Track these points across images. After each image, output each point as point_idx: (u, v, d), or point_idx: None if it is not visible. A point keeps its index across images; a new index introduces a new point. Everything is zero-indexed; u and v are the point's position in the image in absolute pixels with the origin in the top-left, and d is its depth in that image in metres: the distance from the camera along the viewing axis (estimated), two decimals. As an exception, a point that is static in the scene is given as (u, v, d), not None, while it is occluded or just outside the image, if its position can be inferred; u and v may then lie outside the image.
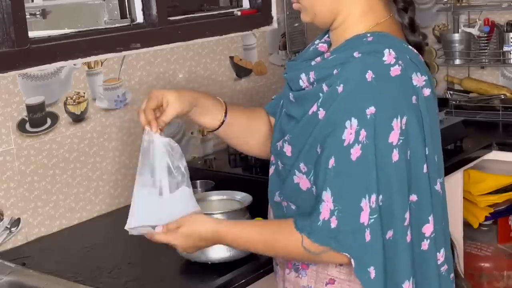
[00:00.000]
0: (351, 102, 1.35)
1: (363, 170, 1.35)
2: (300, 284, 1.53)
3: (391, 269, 1.39)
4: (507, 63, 3.18)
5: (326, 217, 1.36)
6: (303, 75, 1.47)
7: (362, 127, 1.34)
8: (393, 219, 1.37)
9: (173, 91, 1.55)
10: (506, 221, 3.02)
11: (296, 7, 1.53)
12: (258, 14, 2.79)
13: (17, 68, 2.00)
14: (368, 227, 1.35)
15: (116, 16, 2.44)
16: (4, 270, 1.84)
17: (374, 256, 1.36)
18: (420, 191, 1.42)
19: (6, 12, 1.95)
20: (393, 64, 1.37)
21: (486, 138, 2.87)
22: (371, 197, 1.35)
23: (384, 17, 1.47)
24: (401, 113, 1.36)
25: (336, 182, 1.36)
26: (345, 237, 1.35)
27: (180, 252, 1.55)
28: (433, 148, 1.44)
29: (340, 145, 1.35)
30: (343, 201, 1.35)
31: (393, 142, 1.36)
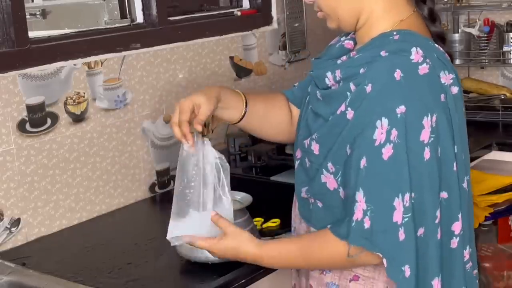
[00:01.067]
0: (380, 101, 1.35)
1: (395, 169, 1.35)
2: (324, 280, 1.53)
3: (422, 267, 1.39)
4: (507, 63, 3.19)
5: (359, 217, 1.36)
6: (329, 73, 1.47)
7: (393, 127, 1.34)
8: (425, 216, 1.38)
9: (199, 93, 1.56)
10: (506, 221, 3.02)
11: (320, 16, 1.54)
12: (258, 14, 2.79)
13: (17, 68, 2.00)
14: (402, 226, 1.35)
15: (116, 16, 2.44)
16: (4, 270, 1.84)
17: (409, 255, 1.36)
18: (450, 189, 1.42)
19: (6, 12, 1.95)
20: (421, 62, 1.37)
21: (486, 138, 2.87)
22: (405, 196, 1.34)
23: (408, 12, 1.47)
24: (431, 111, 1.36)
25: (368, 182, 1.36)
26: (377, 237, 1.36)
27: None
28: (461, 146, 1.44)
29: (371, 145, 1.35)
30: (376, 201, 1.35)
31: (424, 140, 1.36)
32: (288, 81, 2.99)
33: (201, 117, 1.54)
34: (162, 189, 2.46)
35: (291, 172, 2.22)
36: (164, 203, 2.41)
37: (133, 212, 2.31)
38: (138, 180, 2.38)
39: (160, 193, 2.45)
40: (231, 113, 1.64)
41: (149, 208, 2.38)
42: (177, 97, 2.49)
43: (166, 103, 2.46)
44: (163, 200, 2.42)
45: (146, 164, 2.40)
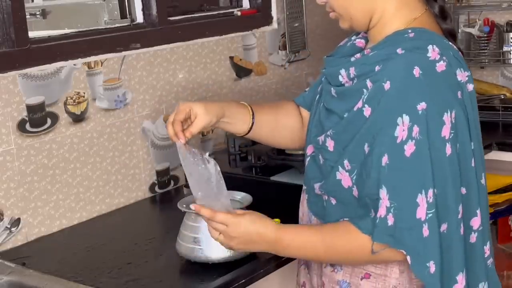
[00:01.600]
0: (401, 99, 1.36)
1: (418, 166, 1.35)
2: (336, 278, 1.53)
3: (446, 262, 1.39)
4: (507, 63, 3.19)
5: (382, 214, 1.37)
6: (342, 70, 1.47)
7: (415, 123, 1.35)
8: (448, 212, 1.38)
9: (200, 103, 1.58)
10: (506, 221, 3.02)
11: (333, 16, 1.54)
12: (258, 14, 2.79)
13: (17, 68, 2.00)
14: (426, 222, 1.35)
15: (116, 16, 2.44)
16: (4, 270, 1.84)
17: (433, 251, 1.36)
18: (469, 185, 1.43)
19: (6, 12, 1.95)
20: (438, 60, 1.38)
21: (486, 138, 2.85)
22: (428, 192, 1.35)
23: (420, 11, 1.48)
24: (451, 107, 1.37)
25: (391, 179, 1.36)
26: (401, 234, 1.36)
27: (232, 248, 1.51)
28: (477, 142, 1.45)
29: (393, 143, 1.36)
30: (399, 198, 1.35)
31: (445, 136, 1.37)
32: (288, 81, 2.99)
33: (193, 129, 1.55)
34: (162, 189, 2.46)
35: (291, 172, 2.23)
36: (164, 203, 2.41)
37: (133, 212, 2.31)
38: (138, 180, 2.38)
39: (160, 193, 2.46)
40: (238, 126, 1.67)
41: (149, 208, 2.38)
42: (177, 97, 2.49)
43: (166, 103, 2.46)
44: (163, 200, 2.43)
45: (146, 164, 2.40)
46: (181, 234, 1.80)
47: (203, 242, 1.75)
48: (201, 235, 1.75)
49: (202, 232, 1.75)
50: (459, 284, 1.42)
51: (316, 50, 3.08)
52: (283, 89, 2.97)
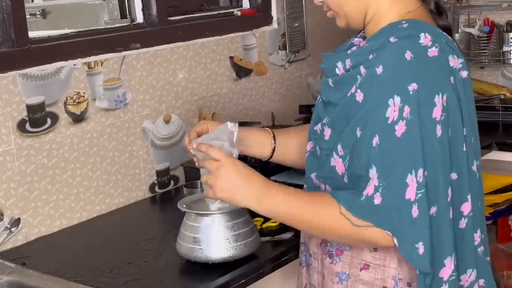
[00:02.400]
0: (392, 81, 1.37)
1: (409, 145, 1.35)
2: (335, 270, 1.53)
3: (435, 245, 1.38)
4: (507, 63, 3.19)
5: (369, 193, 1.36)
6: (339, 63, 1.49)
7: (406, 104, 1.35)
8: (437, 195, 1.38)
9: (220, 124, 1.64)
10: (506, 221, 3.02)
11: (330, 15, 1.56)
12: (258, 14, 2.79)
13: (17, 68, 2.00)
14: (416, 203, 1.35)
15: (116, 16, 2.44)
16: (4, 270, 1.84)
17: (422, 232, 1.35)
18: (460, 170, 1.43)
19: (6, 12, 1.95)
20: (430, 46, 1.40)
21: (486, 138, 2.87)
22: (418, 172, 1.35)
23: (415, 5, 1.49)
24: (442, 90, 1.38)
25: (381, 159, 1.36)
26: (388, 214, 1.35)
27: (215, 191, 1.48)
28: (470, 129, 1.45)
29: (384, 123, 1.36)
30: (388, 178, 1.35)
31: (436, 117, 1.37)
32: (288, 81, 2.99)
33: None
34: (162, 189, 2.46)
35: (291, 172, 2.23)
36: (164, 203, 2.42)
37: (133, 212, 2.31)
38: (138, 180, 2.38)
39: (160, 193, 2.46)
40: (260, 152, 1.72)
41: (149, 208, 2.38)
42: (177, 97, 2.49)
43: (166, 103, 2.46)
44: (163, 200, 2.43)
45: (146, 164, 2.40)
46: (181, 234, 1.80)
47: (203, 242, 1.75)
48: (201, 235, 1.75)
49: (202, 232, 1.75)
50: (447, 268, 1.40)
51: (316, 50, 3.08)
52: (283, 89, 2.97)
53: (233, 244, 1.76)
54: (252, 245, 1.79)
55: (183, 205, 1.80)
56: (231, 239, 1.75)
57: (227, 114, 2.70)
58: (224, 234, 1.75)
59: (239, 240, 1.76)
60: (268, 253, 1.85)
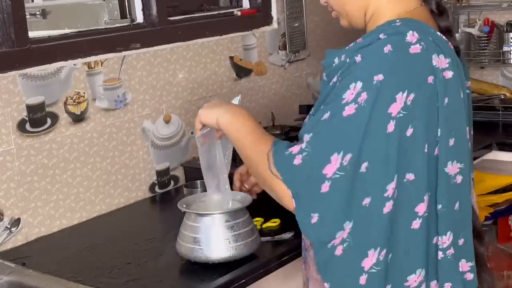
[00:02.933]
0: (362, 68, 1.39)
1: (348, 128, 1.37)
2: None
3: (360, 236, 1.40)
4: (507, 63, 3.19)
5: (294, 151, 1.40)
6: (336, 58, 1.50)
7: (365, 90, 1.37)
8: (373, 187, 1.39)
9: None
10: (506, 221, 3.02)
11: (334, 15, 1.60)
12: (258, 14, 2.79)
13: (17, 68, 2.00)
14: (330, 180, 1.37)
15: (116, 16, 2.44)
16: (4, 270, 1.84)
17: (324, 207, 1.38)
18: (418, 170, 1.43)
19: (6, 12, 1.95)
20: (414, 43, 1.40)
21: (486, 138, 2.87)
22: (346, 156, 1.36)
23: (415, 5, 1.51)
24: (409, 89, 1.38)
25: (319, 130, 1.39)
26: (299, 177, 1.39)
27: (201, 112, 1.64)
28: (447, 130, 1.44)
29: (338, 103, 1.39)
30: (316, 147, 1.38)
31: (392, 113, 1.37)
32: (288, 81, 2.99)
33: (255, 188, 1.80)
34: (162, 189, 2.46)
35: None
36: (164, 203, 2.41)
37: (133, 212, 2.31)
38: (138, 180, 2.38)
39: (160, 193, 2.45)
40: None
41: (149, 208, 2.38)
42: (177, 97, 2.49)
43: (166, 103, 2.46)
44: (163, 200, 2.43)
45: (146, 164, 2.40)
46: (181, 234, 1.80)
47: (203, 242, 1.75)
48: (201, 235, 1.75)
49: (202, 232, 1.75)
50: (369, 259, 1.41)
51: (316, 50, 3.08)
52: (283, 89, 2.97)
53: (233, 244, 1.76)
54: (252, 245, 1.79)
55: (183, 205, 1.80)
56: (231, 239, 1.75)
57: (227, 114, 2.69)
58: (224, 234, 1.75)
59: (239, 240, 1.76)
60: (268, 253, 1.85)
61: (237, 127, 1.55)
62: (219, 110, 1.59)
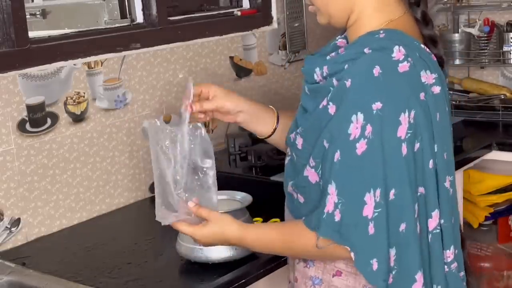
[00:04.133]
0: (357, 96, 1.37)
1: (368, 165, 1.36)
2: (308, 274, 1.54)
3: (405, 261, 1.40)
4: (507, 63, 3.19)
5: (330, 209, 1.38)
6: (317, 69, 1.49)
7: (368, 122, 1.35)
8: (406, 212, 1.39)
9: (222, 88, 1.65)
10: (506, 221, 3.02)
11: (311, 10, 1.57)
12: (258, 14, 2.79)
13: (17, 68, 2.00)
14: (372, 220, 1.36)
15: (116, 16, 2.44)
16: (4, 270, 1.84)
17: (378, 249, 1.37)
18: (426, 185, 1.43)
19: (6, 12, 1.95)
20: (402, 60, 1.38)
21: (486, 138, 2.87)
22: (376, 191, 1.36)
23: (399, 13, 1.48)
24: (409, 107, 1.37)
25: (341, 175, 1.37)
26: (347, 230, 1.37)
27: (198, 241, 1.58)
28: (441, 145, 1.45)
29: (346, 139, 1.37)
30: (347, 195, 1.37)
31: (401, 136, 1.37)
32: (288, 81, 2.99)
33: (206, 105, 1.60)
34: (162, 189, 2.46)
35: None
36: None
37: (133, 212, 2.31)
38: (138, 180, 2.38)
39: (160, 193, 2.45)
40: (261, 128, 1.69)
41: (149, 208, 2.38)
42: (177, 97, 2.49)
43: (166, 103, 2.46)
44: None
45: (146, 164, 2.40)
46: (181, 234, 1.80)
47: (203, 242, 1.75)
48: (201, 235, 1.75)
49: (202, 232, 1.75)
50: (418, 283, 1.42)
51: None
52: (283, 89, 2.97)
53: (233, 244, 1.76)
54: (252, 245, 1.79)
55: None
56: (231, 239, 1.75)
57: (227, 114, 2.69)
58: (224, 234, 1.75)
59: (239, 240, 1.76)
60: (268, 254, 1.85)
61: (254, 249, 1.57)
62: (223, 244, 1.58)
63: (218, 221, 1.52)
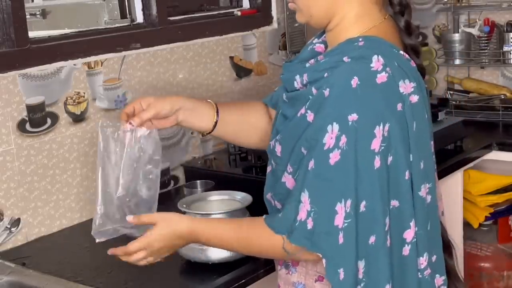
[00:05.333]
0: (334, 107, 1.37)
1: (340, 175, 1.36)
2: (291, 280, 1.55)
3: (374, 273, 1.41)
4: (507, 63, 3.19)
5: (303, 218, 1.38)
6: (297, 76, 1.49)
7: (343, 133, 1.35)
8: (376, 224, 1.39)
9: (152, 96, 1.65)
10: (506, 221, 3.02)
11: (291, 7, 1.55)
12: (258, 14, 2.79)
13: (17, 68, 2.00)
14: (342, 230, 1.37)
15: (116, 16, 2.44)
16: (4, 270, 1.84)
17: (345, 259, 1.38)
18: (401, 197, 1.42)
19: (6, 12, 1.95)
20: (380, 71, 1.38)
21: (486, 138, 2.87)
22: (347, 202, 1.36)
23: (380, 20, 1.47)
24: (384, 120, 1.37)
25: (313, 184, 1.38)
26: (319, 238, 1.38)
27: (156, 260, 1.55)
28: (418, 154, 1.44)
29: (320, 149, 1.37)
30: (319, 204, 1.37)
31: (375, 149, 1.37)
32: (288, 81, 2.99)
33: (143, 115, 1.59)
34: (162, 189, 2.45)
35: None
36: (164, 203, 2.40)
37: (133, 212, 2.31)
38: (138, 180, 2.38)
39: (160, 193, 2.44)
40: (201, 123, 1.68)
41: (149, 208, 2.38)
42: (177, 97, 2.49)
43: (166, 103, 2.45)
44: (163, 200, 2.41)
45: (146, 164, 2.40)
46: (181, 234, 1.80)
47: (203, 242, 1.75)
48: (201, 235, 1.75)
49: (202, 232, 1.75)
50: None
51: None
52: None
53: (233, 244, 1.75)
54: (252, 245, 1.79)
55: (183, 205, 1.80)
56: (231, 239, 1.75)
57: (227, 114, 2.69)
58: (224, 234, 1.75)
59: (239, 240, 1.76)
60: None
61: (209, 242, 1.53)
62: (178, 247, 1.55)
63: (164, 220, 1.50)
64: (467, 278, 2.90)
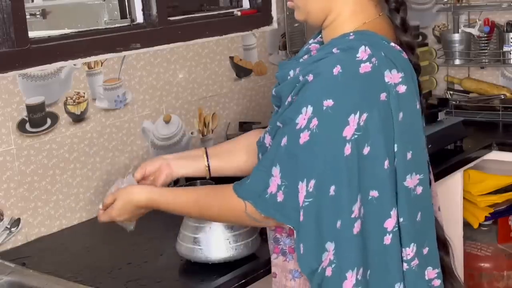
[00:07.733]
0: (312, 92, 1.41)
1: (306, 155, 1.40)
2: (288, 267, 1.56)
3: (341, 257, 1.42)
4: (507, 63, 3.19)
5: (273, 191, 1.43)
6: (291, 71, 1.51)
7: (315, 116, 1.38)
8: (342, 210, 1.41)
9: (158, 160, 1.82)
10: (506, 221, 3.02)
11: (290, 5, 1.58)
12: (258, 14, 2.79)
13: (17, 68, 2.00)
14: (302, 209, 1.41)
15: (116, 16, 2.44)
16: (4, 270, 1.84)
17: (304, 236, 1.42)
18: (381, 187, 1.44)
19: (6, 12, 1.95)
20: (365, 61, 1.40)
21: (486, 138, 2.87)
22: (310, 182, 1.40)
23: (373, 16, 1.49)
24: (361, 110, 1.39)
25: (284, 160, 1.42)
26: (289, 211, 1.42)
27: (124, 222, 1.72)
28: (404, 144, 1.45)
29: (293, 127, 1.41)
30: (289, 179, 1.42)
31: (346, 136, 1.39)
32: (288, 81, 2.99)
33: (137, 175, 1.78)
34: (162, 189, 2.46)
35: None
36: (164, 203, 2.41)
37: (133, 212, 2.30)
38: (138, 180, 2.38)
39: (160, 193, 2.45)
40: (194, 171, 1.80)
41: (149, 208, 2.38)
42: (177, 97, 2.49)
43: (166, 103, 2.46)
44: (163, 200, 2.42)
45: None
46: (181, 234, 1.80)
47: (203, 242, 1.75)
48: (201, 235, 1.75)
49: (202, 232, 1.75)
50: (348, 281, 1.43)
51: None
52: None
53: (233, 244, 1.76)
54: (252, 245, 1.79)
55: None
56: (231, 240, 1.75)
57: (227, 114, 2.70)
58: (224, 234, 1.75)
59: (239, 240, 1.76)
60: (268, 253, 1.84)
61: (168, 207, 1.62)
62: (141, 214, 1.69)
63: (123, 193, 1.65)
64: (467, 278, 2.90)
